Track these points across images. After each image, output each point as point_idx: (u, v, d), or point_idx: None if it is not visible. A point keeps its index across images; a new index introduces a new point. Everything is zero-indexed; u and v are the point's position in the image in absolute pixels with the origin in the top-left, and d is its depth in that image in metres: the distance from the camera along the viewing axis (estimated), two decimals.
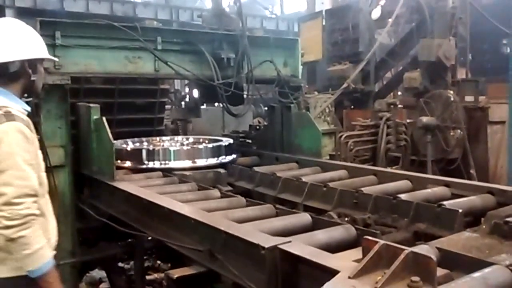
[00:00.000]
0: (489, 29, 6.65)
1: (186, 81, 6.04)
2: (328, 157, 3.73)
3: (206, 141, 3.74)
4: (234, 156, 3.37)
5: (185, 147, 3.46)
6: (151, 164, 3.06)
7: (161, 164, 3.07)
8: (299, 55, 3.75)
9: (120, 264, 3.34)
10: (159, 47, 3.15)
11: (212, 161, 3.18)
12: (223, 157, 3.26)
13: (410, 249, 0.99)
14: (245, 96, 3.48)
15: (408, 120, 5.53)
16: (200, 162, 3.13)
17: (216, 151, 3.26)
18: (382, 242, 1.04)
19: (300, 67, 3.81)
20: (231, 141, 3.51)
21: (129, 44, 3.05)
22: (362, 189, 2.26)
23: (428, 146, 5.26)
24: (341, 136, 4.64)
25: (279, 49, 3.64)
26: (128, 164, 3.08)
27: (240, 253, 1.43)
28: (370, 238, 1.07)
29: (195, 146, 3.50)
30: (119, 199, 2.42)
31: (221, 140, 3.54)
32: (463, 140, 5.59)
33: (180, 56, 3.25)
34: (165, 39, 3.19)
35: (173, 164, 3.08)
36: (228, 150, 3.34)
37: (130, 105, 4.08)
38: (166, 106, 5.17)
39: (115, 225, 2.22)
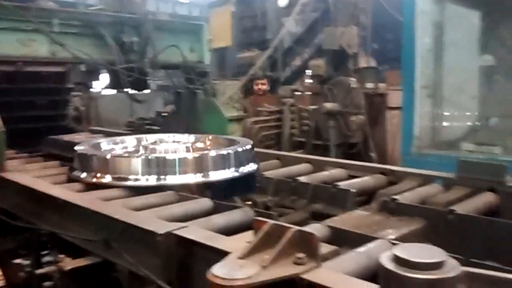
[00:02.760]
0: (392, 20, 7.05)
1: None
2: None
3: (218, 144, 2.66)
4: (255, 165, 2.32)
5: (191, 155, 2.23)
6: (143, 180, 2.03)
7: (158, 179, 2.04)
8: (205, 41, 3.73)
9: (18, 260, 3.15)
10: (56, 29, 2.99)
11: (228, 173, 2.14)
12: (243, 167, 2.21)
13: (296, 227, 1.03)
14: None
15: (313, 106, 5.73)
16: (214, 176, 2.10)
17: (235, 159, 2.20)
18: (271, 222, 1.07)
19: (208, 53, 3.80)
20: (250, 142, 2.40)
21: (23, 25, 2.86)
22: (265, 173, 2.32)
23: (331, 131, 5.49)
24: (248, 122, 4.72)
25: (185, 34, 3.60)
26: (107, 179, 2.08)
27: (136, 241, 1.41)
28: (260, 219, 1.09)
29: (205, 152, 2.24)
30: (11, 191, 2.27)
31: (238, 142, 2.44)
32: (364, 125, 5.90)
33: (79, 40, 3.10)
34: (62, 21, 3.03)
35: (174, 179, 2.04)
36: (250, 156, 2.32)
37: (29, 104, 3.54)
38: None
39: (7, 219, 2.08)
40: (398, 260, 0.67)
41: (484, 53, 4.48)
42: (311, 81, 6.34)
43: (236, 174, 2.15)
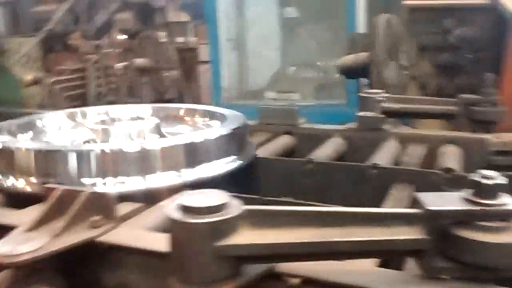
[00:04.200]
0: None
1: None
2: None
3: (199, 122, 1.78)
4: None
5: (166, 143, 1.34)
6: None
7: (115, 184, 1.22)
8: None
9: None
10: None
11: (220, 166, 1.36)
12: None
13: (89, 189, 0.97)
14: None
15: (122, 63, 5.49)
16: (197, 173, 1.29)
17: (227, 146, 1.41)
18: (62, 187, 0.99)
19: None
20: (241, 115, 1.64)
21: None
22: None
23: (144, 88, 5.37)
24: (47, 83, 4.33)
25: None
26: (32, 181, 1.24)
27: None
28: (50, 186, 1.01)
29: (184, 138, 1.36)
30: None
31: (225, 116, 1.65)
32: (178, 80, 5.89)
33: None
34: None
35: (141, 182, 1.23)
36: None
37: None
38: None
39: None
40: (183, 208, 0.67)
41: (286, 5, 4.76)
42: (124, 36, 6.04)
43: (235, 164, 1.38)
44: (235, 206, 0.69)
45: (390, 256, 0.79)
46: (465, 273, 0.68)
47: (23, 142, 1.49)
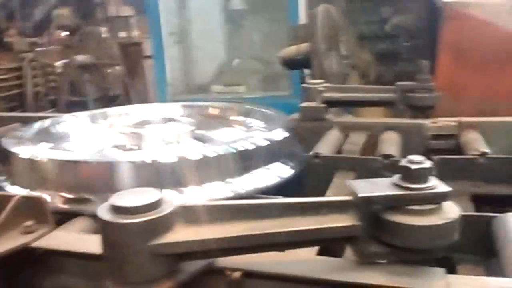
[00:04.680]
0: None
1: None
2: None
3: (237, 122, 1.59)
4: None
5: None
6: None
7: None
8: None
9: None
10: None
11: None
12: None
13: (21, 194, 0.93)
14: None
15: (63, 61, 5.31)
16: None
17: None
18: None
19: None
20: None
21: None
22: None
23: (87, 85, 5.22)
24: None
25: None
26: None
27: None
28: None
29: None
30: None
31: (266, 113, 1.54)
32: (122, 76, 5.76)
33: None
34: None
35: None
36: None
37: None
38: None
39: None
40: (114, 209, 0.65)
41: None
42: (64, 33, 5.82)
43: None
44: (169, 204, 0.68)
45: (325, 244, 0.80)
46: (397, 256, 0.70)
47: (62, 153, 1.22)
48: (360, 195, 0.69)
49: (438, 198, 0.68)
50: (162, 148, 1.28)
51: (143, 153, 1.17)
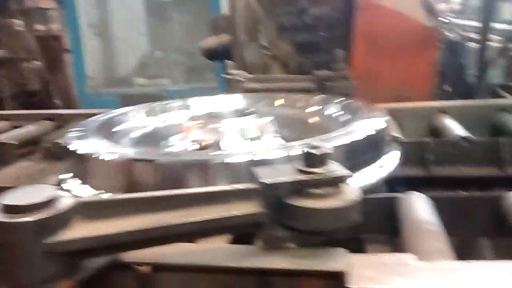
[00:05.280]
0: None
1: None
2: None
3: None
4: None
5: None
6: None
7: None
8: None
9: None
10: None
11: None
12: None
13: None
14: None
15: None
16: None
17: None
18: None
19: None
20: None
21: None
22: None
23: (2, 81, 4.91)
24: None
25: None
26: None
27: None
28: None
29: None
30: None
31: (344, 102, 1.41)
32: (41, 70, 5.47)
33: None
34: None
35: None
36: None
37: None
38: None
39: None
40: (5, 208, 0.62)
41: None
42: None
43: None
44: (65, 200, 0.65)
45: (232, 232, 0.80)
46: (302, 240, 0.71)
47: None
48: (264, 181, 0.69)
49: (338, 181, 0.70)
50: (256, 144, 1.16)
51: (247, 150, 1.01)
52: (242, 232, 0.79)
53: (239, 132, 1.16)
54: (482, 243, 1.12)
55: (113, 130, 1.33)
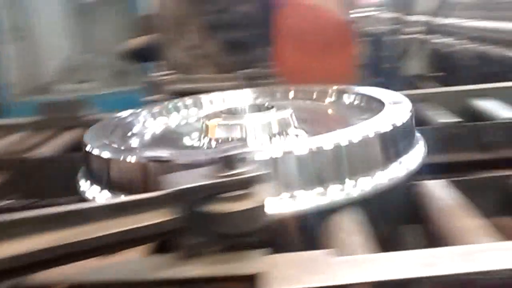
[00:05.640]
0: None
1: None
2: None
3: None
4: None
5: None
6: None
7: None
8: None
9: None
10: None
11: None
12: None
13: None
14: None
15: None
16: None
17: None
18: None
19: None
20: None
21: None
22: None
23: None
24: None
25: None
26: None
27: None
28: None
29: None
30: None
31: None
32: None
33: None
34: None
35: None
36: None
37: None
38: None
39: None
40: None
41: None
42: None
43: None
44: None
45: (147, 243, 0.78)
46: (217, 245, 0.70)
47: None
48: (176, 188, 0.67)
49: (251, 183, 0.69)
50: (281, 139, 1.12)
51: (274, 145, 0.97)
52: (160, 241, 0.77)
53: (261, 128, 1.12)
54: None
55: (128, 132, 1.31)
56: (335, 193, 0.84)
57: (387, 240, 0.86)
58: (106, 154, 0.98)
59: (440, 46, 3.34)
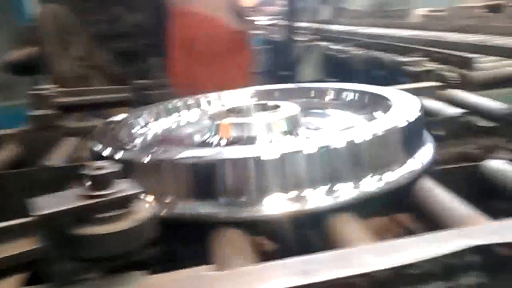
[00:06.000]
0: None
1: None
2: None
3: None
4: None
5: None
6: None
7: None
8: None
9: None
10: None
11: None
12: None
13: None
14: None
15: None
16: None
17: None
18: None
19: None
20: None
21: None
22: None
23: None
24: None
25: None
26: None
27: None
28: None
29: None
30: None
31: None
32: None
33: None
34: None
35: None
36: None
37: None
38: None
39: None
40: None
41: None
42: None
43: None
44: None
45: (14, 274, 0.71)
46: (96, 269, 0.66)
47: None
48: (40, 213, 0.62)
49: (126, 202, 0.66)
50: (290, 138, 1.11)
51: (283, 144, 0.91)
52: (27, 271, 0.71)
53: (268, 126, 1.12)
54: None
55: (134, 133, 1.28)
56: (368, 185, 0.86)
57: None
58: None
59: (334, 52, 3.49)
